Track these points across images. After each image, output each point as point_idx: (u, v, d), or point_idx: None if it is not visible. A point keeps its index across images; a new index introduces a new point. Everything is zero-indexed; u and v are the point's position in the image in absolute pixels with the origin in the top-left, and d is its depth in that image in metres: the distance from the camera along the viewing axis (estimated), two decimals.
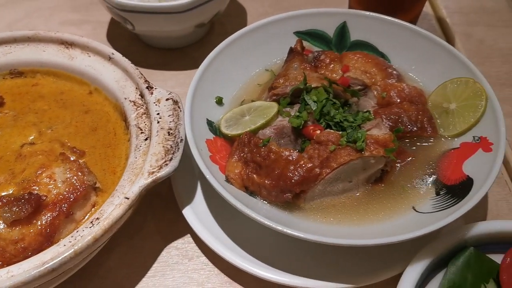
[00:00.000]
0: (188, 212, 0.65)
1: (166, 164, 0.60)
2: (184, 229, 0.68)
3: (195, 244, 0.68)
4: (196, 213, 0.65)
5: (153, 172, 0.60)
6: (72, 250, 0.53)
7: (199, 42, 0.93)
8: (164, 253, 0.67)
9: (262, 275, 0.60)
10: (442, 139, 0.68)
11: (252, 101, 0.71)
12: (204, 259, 0.66)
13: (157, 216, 0.71)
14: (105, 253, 0.66)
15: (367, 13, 0.77)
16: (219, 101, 0.71)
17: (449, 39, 0.95)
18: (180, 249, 0.67)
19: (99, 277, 0.65)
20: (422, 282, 0.60)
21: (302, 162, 0.59)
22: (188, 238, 0.68)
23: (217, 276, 0.65)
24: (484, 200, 0.72)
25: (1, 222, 0.58)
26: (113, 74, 0.73)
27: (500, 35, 0.94)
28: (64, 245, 0.55)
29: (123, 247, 0.67)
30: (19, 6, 1.03)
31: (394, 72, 0.73)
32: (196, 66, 0.71)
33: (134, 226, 0.69)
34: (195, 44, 0.93)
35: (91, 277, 0.65)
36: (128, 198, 0.58)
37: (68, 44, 0.76)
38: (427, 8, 1.01)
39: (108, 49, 0.73)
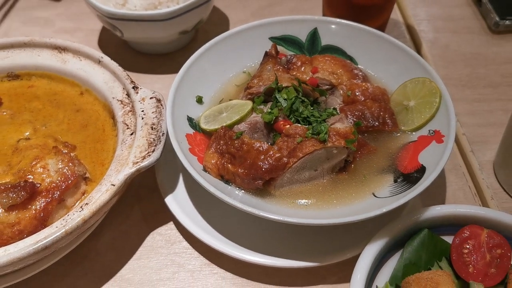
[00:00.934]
0: (170, 201, 0.72)
1: (149, 155, 0.67)
2: (167, 217, 0.75)
3: (177, 230, 0.74)
4: (178, 201, 0.72)
5: (137, 162, 0.66)
6: (64, 230, 0.60)
7: (184, 48, 1.00)
8: (149, 238, 0.73)
9: (236, 255, 0.66)
10: (402, 133, 0.75)
11: (230, 100, 0.78)
12: (185, 243, 0.72)
13: (143, 206, 0.77)
14: (95, 238, 0.72)
15: (337, 20, 0.84)
16: (199, 100, 0.78)
17: (417, 44, 1.02)
18: (163, 235, 0.73)
19: (89, 260, 0.71)
20: (380, 260, 0.66)
21: (271, 152, 0.66)
22: (171, 225, 0.74)
23: (196, 259, 0.71)
24: (443, 189, 0.78)
25: (0, 208, 0.64)
26: (102, 76, 0.79)
27: (464, 41, 1.02)
28: (57, 227, 0.61)
29: (112, 233, 0.73)
30: (15, 15, 1.09)
31: (360, 73, 0.80)
32: (181, 65, 0.78)
33: (121, 215, 0.75)
34: (180, 50, 0.99)
35: (81, 260, 0.70)
36: (114, 185, 0.64)
37: (61, 49, 0.82)
38: (397, 16, 1.09)
39: (98, 53, 0.80)
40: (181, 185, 0.74)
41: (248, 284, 0.68)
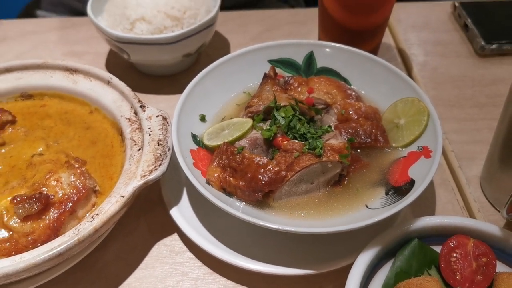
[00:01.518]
0: (175, 213, 0.76)
1: (156, 169, 0.71)
2: (171, 228, 0.79)
3: (181, 241, 0.78)
4: (182, 213, 0.76)
5: (144, 175, 0.70)
6: (76, 238, 0.63)
7: (187, 70, 1.05)
8: (154, 249, 0.77)
9: (237, 263, 0.70)
10: (393, 149, 0.80)
11: (231, 118, 0.83)
12: (189, 253, 0.76)
13: (148, 218, 0.81)
14: (103, 249, 0.76)
15: (331, 43, 0.90)
16: (203, 118, 0.83)
17: (408, 67, 1.08)
18: (168, 246, 0.77)
19: (97, 269, 0.74)
20: (373, 268, 0.70)
21: (270, 166, 0.70)
22: (175, 236, 0.78)
23: (199, 268, 0.74)
24: (433, 202, 0.83)
25: (15, 218, 0.68)
26: (111, 96, 0.84)
27: (452, 64, 1.07)
28: (69, 236, 0.65)
29: (119, 244, 0.77)
30: (27, 39, 1.15)
31: (353, 93, 0.85)
32: (185, 86, 0.83)
33: (128, 227, 0.79)
34: (184, 71, 1.05)
35: (90, 269, 0.74)
36: (123, 197, 0.68)
37: (72, 70, 0.87)
38: (390, 40, 1.15)
39: (107, 74, 0.85)
40: (185, 198, 0.78)
41: None
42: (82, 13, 1.38)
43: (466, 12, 1.15)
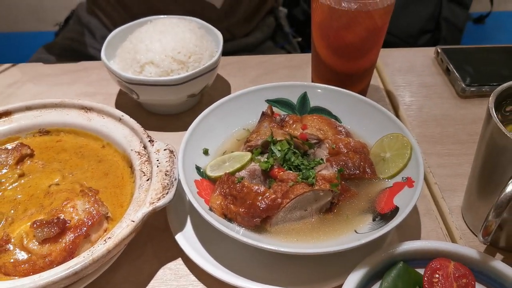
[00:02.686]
0: (179, 238, 0.82)
1: (163, 196, 0.78)
2: (176, 254, 0.84)
3: (185, 266, 0.83)
4: (186, 238, 0.82)
5: (153, 202, 0.77)
6: (91, 258, 0.70)
7: (191, 109, 1.13)
8: (159, 272, 0.83)
9: (236, 283, 0.76)
10: (380, 180, 0.87)
11: (232, 152, 0.91)
12: (192, 277, 0.82)
13: (155, 244, 0.87)
14: (113, 272, 0.82)
15: (323, 85, 0.99)
16: (206, 152, 0.90)
17: (395, 107, 1.17)
18: (172, 269, 0.83)
19: None
20: None
21: (267, 194, 0.77)
22: (179, 261, 0.84)
23: None
24: (418, 230, 0.89)
25: (34, 241, 0.74)
26: (122, 132, 0.92)
27: (435, 104, 1.16)
28: (84, 257, 0.71)
29: (127, 268, 0.83)
30: (42, 81, 1.24)
31: (343, 129, 0.93)
32: (189, 124, 0.91)
33: (135, 252, 0.85)
34: (188, 111, 1.13)
35: None
36: (133, 221, 0.75)
37: (87, 108, 0.96)
38: (378, 82, 1.24)
39: (119, 112, 0.93)
40: (189, 225, 0.85)
41: None
42: (91, 58, 1.48)
43: (447, 57, 1.25)
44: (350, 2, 0.92)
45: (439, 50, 1.29)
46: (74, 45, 1.67)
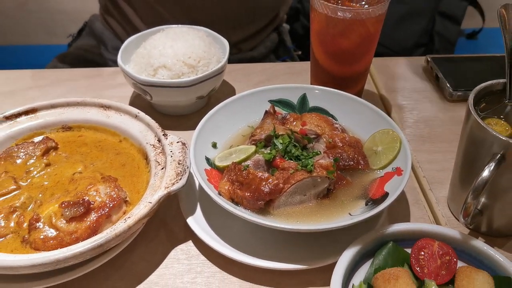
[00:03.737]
0: (190, 221, 0.91)
1: (177, 182, 0.87)
2: (187, 237, 0.93)
3: (195, 247, 0.91)
4: (197, 222, 0.91)
5: (168, 187, 0.86)
6: (114, 233, 0.78)
7: (199, 111, 1.23)
8: (172, 253, 0.91)
9: (242, 260, 0.84)
10: (372, 171, 0.96)
11: (238, 146, 1.00)
12: (202, 257, 0.90)
13: (167, 229, 0.95)
14: (129, 252, 0.90)
15: (321, 87, 1.08)
16: (214, 145, 0.99)
17: (388, 109, 1.26)
18: (184, 250, 0.91)
19: (125, 268, 0.88)
20: (355, 265, 0.84)
21: (270, 179, 0.86)
22: (190, 243, 0.92)
23: (211, 267, 0.88)
24: (408, 219, 0.97)
25: (62, 219, 0.83)
26: (138, 127, 1.01)
27: (425, 108, 1.26)
28: (107, 233, 0.80)
29: (142, 249, 0.91)
30: (61, 85, 1.34)
31: (339, 126, 1.02)
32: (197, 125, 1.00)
33: (150, 235, 0.94)
34: (196, 112, 1.22)
35: (119, 267, 0.88)
36: (151, 203, 0.84)
37: (106, 107, 1.05)
38: (373, 88, 1.34)
39: (135, 110, 1.03)
40: (198, 211, 0.94)
41: (251, 287, 0.85)
42: (103, 67, 1.58)
43: (437, 65, 1.35)
44: (345, 11, 1.02)
45: (429, 59, 1.39)
46: (86, 54, 1.77)
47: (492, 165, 0.81)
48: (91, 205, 0.84)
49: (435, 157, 1.11)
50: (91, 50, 1.79)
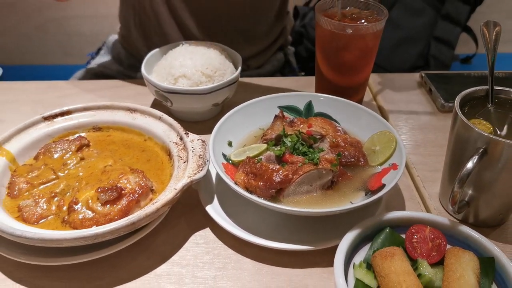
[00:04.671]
0: (209, 209, 1.01)
1: (199, 172, 0.98)
2: (205, 224, 1.02)
3: (212, 233, 1.02)
4: (214, 209, 1.02)
5: (190, 176, 0.98)
6: (144, 213, 0.89)
7: (214, 118, 1.34)
8: (192, 237, 1.01)
9: (255, 241, 0.95)
10: (371, 167, 1.07)
11: (250, 145, 1.12)
12: (218, 241, 0.99)
13: (188, 218, 1.05)
14: (153, 236, 1.00)
15: (325, 95, 1.21)
16: (230, 144, 1.11)
17: (385, 117, 1.38)
18: (202, 235, 1.01)
19: (151, 250, 0.98)
20: (355, 248, 0.94)
21: (281, 171, 0.98)
22: (208, 229, 1.02)
23: (227, 250, 0.98)
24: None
25: (98, 203, 0.94)
26: (162, 127, 1.13)
27: (419, 117, 1.37)
28: (139, 213, 0.91)
29: (165, 234, 1.01)
30: (88, 94, 1.46)
31: (341, 129, 1.14)
32: (211, 130, 1.09)
33: (171, 223, 1.03)
34: (211, 119, 1.33)
35: (146, 249, 0.97)
36: (176, 189, 0.95)
37: (132, 110, 1.17)
38: (371, 99, 1.46)
39: (159, 112, 1.15)
40: (215, 201, 1.04)
41: (263, 267, 0.95)
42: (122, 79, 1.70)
43: (430, 80, 1.48)
44: (347, 27, 1.15)
45: (423, 75, 1.52)
46: (105, 70, 1.91)
47: (475, 158, 0.92)
48: (123, 191, 0.95)
49: (428, 159, 1.23)
50: (109, 67, 1.93)
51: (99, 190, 0.94)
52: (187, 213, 1.07)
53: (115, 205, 0.94)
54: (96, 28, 3.29)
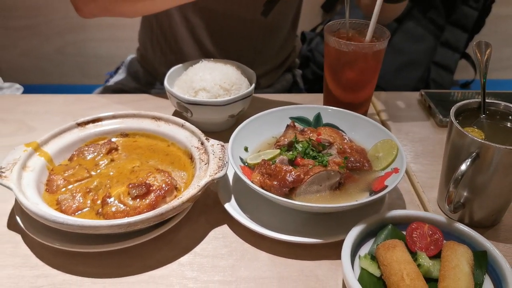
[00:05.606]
0: (227, 206, 1.11)
1: (219, 172, 1.08)
2: (223, 221, 1.11)
3: (230, 228, 1.11)
4: (232, 207, 1.12)
5: (211, 175, 1.08)
6: (171, 205, 0.99)
7: (229, 129, 1.44)
8: (211, 233, 1.10)
9: (270, 234, 1.04)
10: (375, 172, 1.18)
11: (265, 150, 1.23)
12: (235, 236, 1.08)
13: (207, 215, 1.14)
14: (176, 231, 1.10)
15: (333, 108, 1.32)
16: (246, 149, 1.22)
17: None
18: (221, 231, 1.11)
19: (174, 243, 1.07)
20: (360, 242, 1.03)
21: (293, 171, 1.08)
22: (225, 226, 1.11)
23: (243, 244, 1.07)
24: None
25: (128, 197, 1.04)
26: (184, 134, 1.24)
27: (419, 131, 1.47)
28: (166, 206, 1.01)
29: (187, 230, 1.10)
30: (112, 106, 1.57)
31: (347, 137, 1.25)
32: (227, 140, 1.19)
33: (192, 220, 1.13)
34: (227, 130, 1.44)
35: (169, 242, 1.07)
36: (199, 186, 1.05)
37: (157, 118, 1.29)
38: (374, 114, 1.58)
39: (181, 120, 1.26)
40: (233, 200, 1.15)
41: (276, 258, 1.04)
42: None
43: (429, 98, 1.59)
44: (351, 45, 1.27)
45: (422, 93, 1.64)
46: (123, 88, 2.03)
47: (468, 161, 1.03)
48: (151, 188, 1.06)
49: (427, 168, 1.33)
50: (127, 84, 2.05)
51: (130, 185, 1.04)
52: (206, 211, 1.17)
53: (144, 200, 1.04)
54: (113, 51, 3.47)
